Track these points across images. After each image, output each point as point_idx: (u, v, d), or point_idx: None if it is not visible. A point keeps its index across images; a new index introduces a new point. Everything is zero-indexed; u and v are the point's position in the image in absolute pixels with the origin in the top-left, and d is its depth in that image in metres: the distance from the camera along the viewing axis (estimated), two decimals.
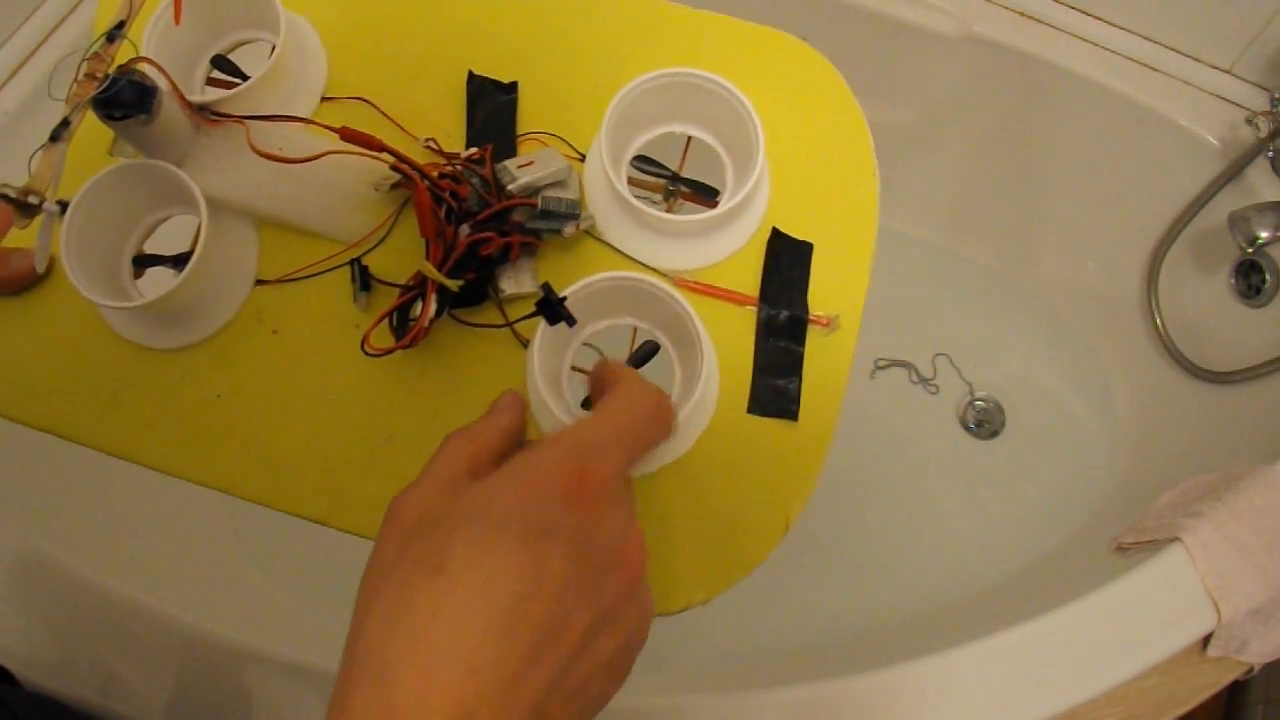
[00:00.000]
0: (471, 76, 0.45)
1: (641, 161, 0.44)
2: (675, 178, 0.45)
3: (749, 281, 0.42)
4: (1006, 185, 1.12)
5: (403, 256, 0.42)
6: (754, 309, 0.41)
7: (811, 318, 0.42)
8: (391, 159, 0.39)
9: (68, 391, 0.40)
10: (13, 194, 0.35)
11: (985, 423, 1.11)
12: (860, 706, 0.56)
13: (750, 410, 0.40)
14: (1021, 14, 0.96)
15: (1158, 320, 1.00)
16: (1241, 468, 0.67)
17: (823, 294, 0.42)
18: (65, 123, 0.36)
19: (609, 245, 0.42)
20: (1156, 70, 0.94)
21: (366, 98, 0.44)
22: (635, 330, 0.42)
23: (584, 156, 0.43)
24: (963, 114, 1.05)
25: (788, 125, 0.44)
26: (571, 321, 0.38)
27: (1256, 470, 0.66)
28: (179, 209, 0.42)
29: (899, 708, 0.56)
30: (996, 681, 0.57)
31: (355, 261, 0.41)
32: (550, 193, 0.41)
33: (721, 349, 0.41)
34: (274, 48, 0.42)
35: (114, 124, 0.37)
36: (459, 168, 0.41)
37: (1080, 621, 0.59)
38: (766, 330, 0.41)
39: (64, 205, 0.38)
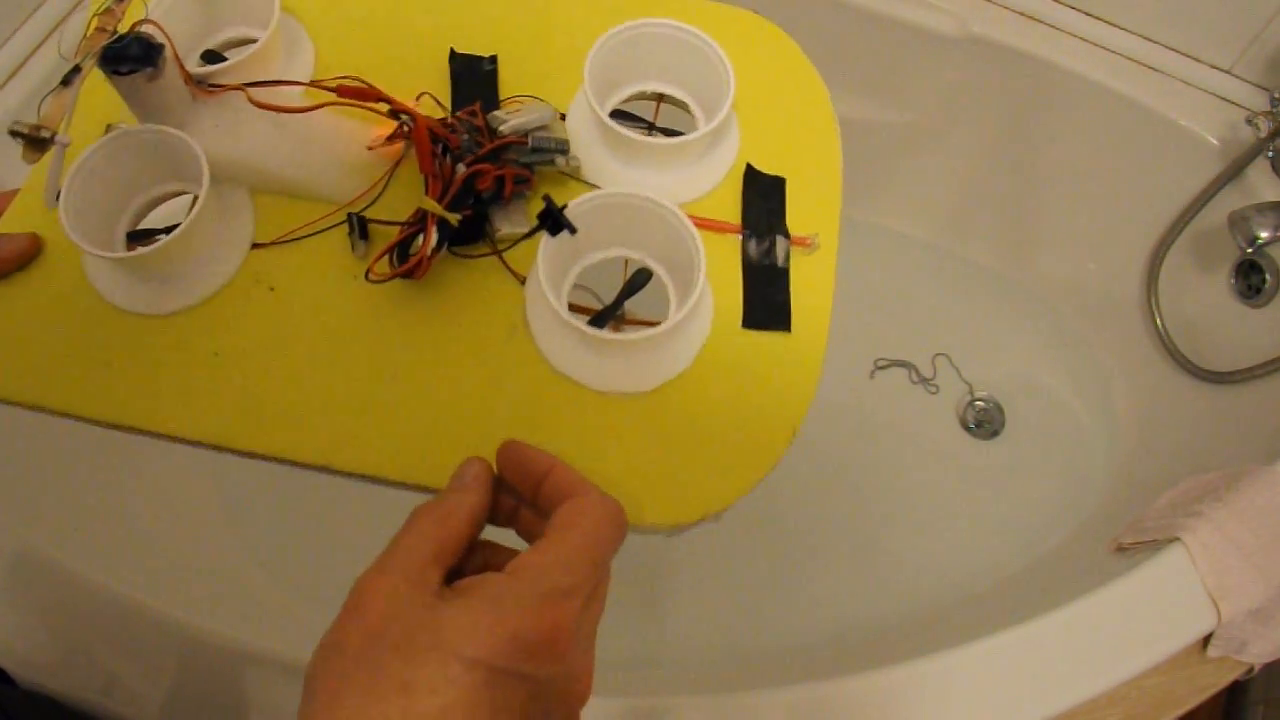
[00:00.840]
0: (453, 54, 0.48)
1: (618, 118, 0.46)
2: (651, 126, 0.48)
3: (730, 214, 0.45)
4: (1006, 185, 1.12)
5: (398, 215, 0.43)
6: (738, 237, 0.45)
7: (793, 238, 0.44)
8: (388, 107, 0.41)
9: (60, 366, 0.41)
10: (25, 130, 0.37)
11: (985, 423, 1.11)
12: (860, 706, 0.56)
13: (745, 325, 0.43)
14: (1021, 14, 0.96)
15: (1158, 320, 1.00)
16: (1241, 468, 0.67)
17: (800, 220, 0.45)
18: (76, 69, 0.38)
19: (596, 187, 0.44)
20: (1156, 70, 0.94)
21: (354, 76, 0.45)
22: (626, 263, 0.44)
23: (564, 116, 0.46)
24: (963, 114, 1.05)
25: (750, 87, 0.47)
26: (573, 229, 0.40)
27: (1256, 470, 0.66)
28: (175, 184, 0.43)
29: (899, 708, 0.56)
30: (996, 681, 0.57)
31: (352, 214, 0.43)
32: (539, 133, 0.43)
33: (712, 275, 0.43)
34: (262, 37, 0.43)
35: (119, 80, 0.38)
36: (452, 119, 0.43)
37: (1080, 621, 0.59)
38: (752, 254, 0.44)
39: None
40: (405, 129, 0.43)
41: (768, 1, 0.58)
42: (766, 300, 0.43)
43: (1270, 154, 0.86)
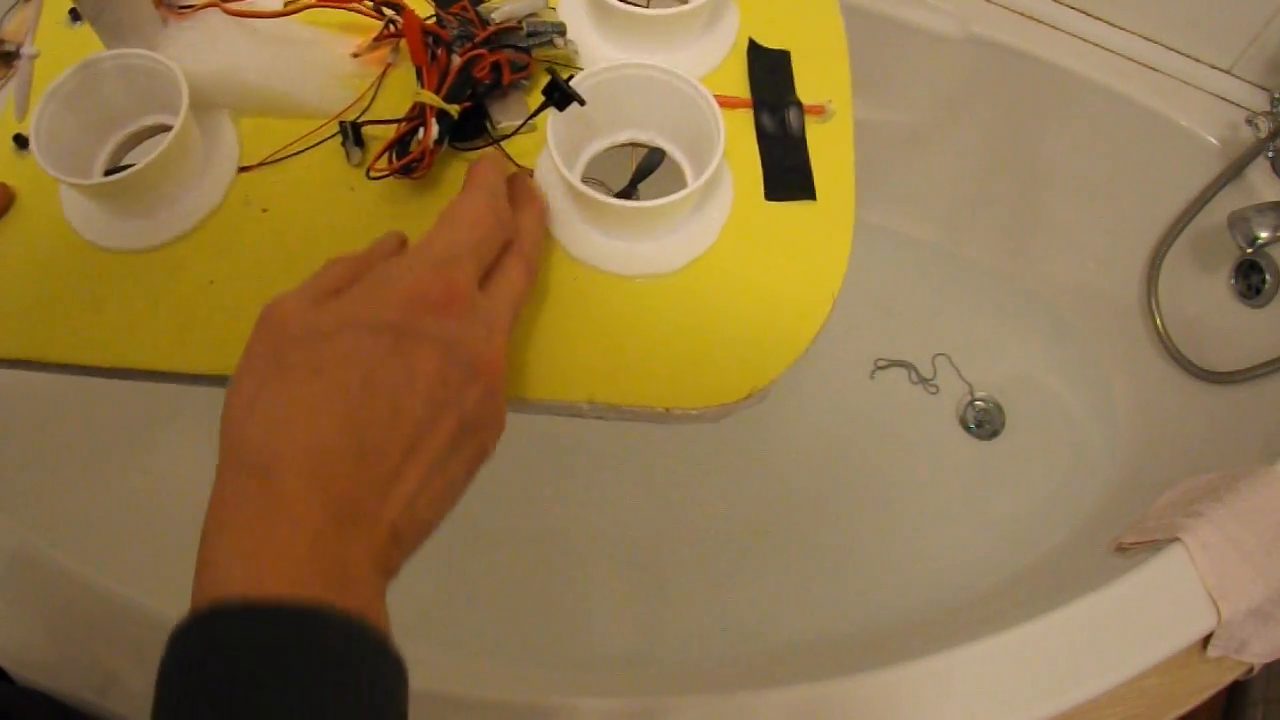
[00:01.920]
0: None
1: None
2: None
3: (737, 91, 0.44)
4: (1006, 185, 1.12)
5: (393, 119, 0.41)
6: (748, 112, 0.43)
7: (806, 106, 0.43)
8: (371, 5, 0.39)
9: (48, 315, 0.39)
10: None
11: (985, 423, 1.11)
12: (860, 706, 0.56)
13: (769, 197, 0.41)
14: (1021, 14, 0.96)
15: (1158, 320, 1.00)
16: (1241, 468, 0.67)
17: (810, 91, 0.44)
18: None
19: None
20: (1156, 70, 0.94)
21: None
22: (634, 150, 0.43)
23: (553, 7, 0.45)
24: (963, 114, 1.05)
25: None
26: (581, 101, 0.38)
27: (1256, 470, 0.66)
28: (154, 116, 0.41)
29: (899, 708, 0.56)
30: (996, 681, 0.57)
31: (345, 122, 0.41)
32: (533, 18, 0.42)
33: (728, 152, 0.41)
34: None
35: None
36: (442, 13, 0.42)
37: (1080, 621, 0.59)
38: (766, 126, 0.43)
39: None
40: (391, 28, 0.41)
41: None
42: (787, 170, 0.42)
43: (1270, 154, 0.86)
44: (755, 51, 0.44)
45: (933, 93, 1.04)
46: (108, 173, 0.41)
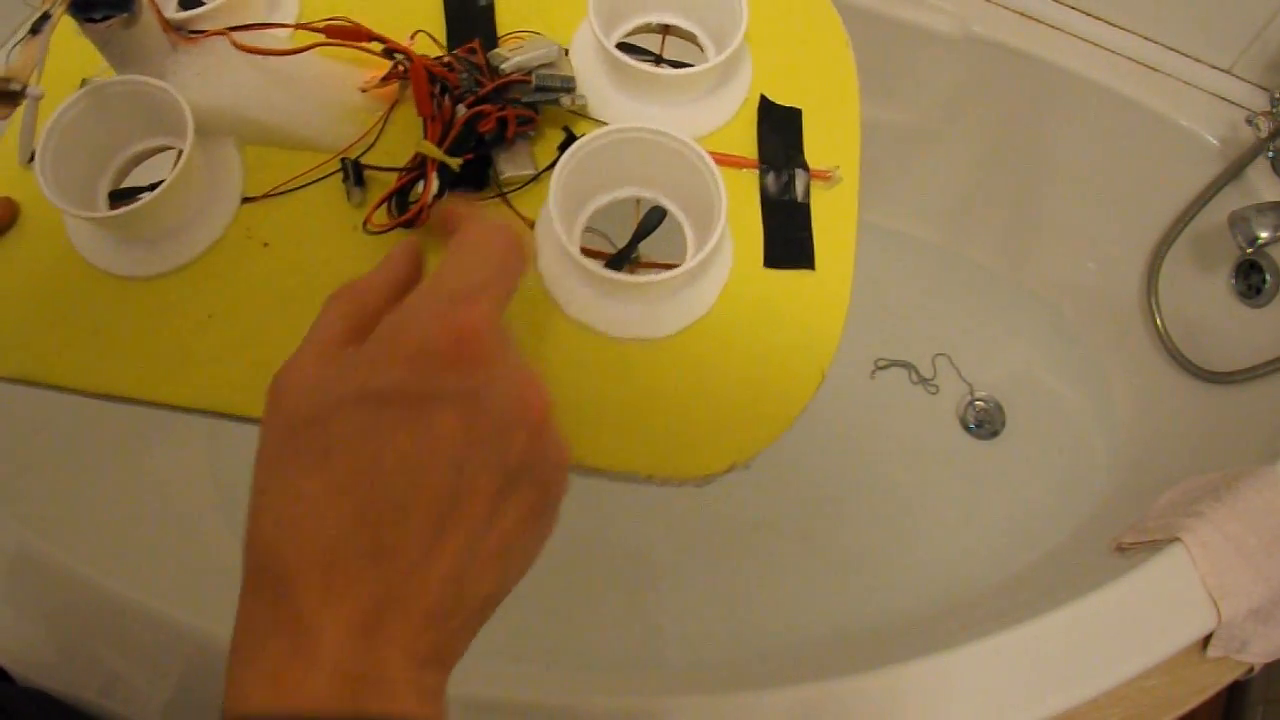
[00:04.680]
0: None
1: (623, 52, 0.45)
2: (658, 60, 0.47)
3: (745, 149, 0.43)
4: (1006, 185, 1.12)
5: (396, 161, 0.41)
6: (755, 172, 0.42)
7: (813, 171, 0.42)
8: (381, 47, 0.39)
9: (45, 337, 0.38)
10: None
11: (985, 423, 1.11)
12: (860, 706, 0.56)
13: (768, 264, 0.41)
14: (1021, 14, 0.96)
15: (1158, 320, 1.00)
16: (1241, 468, 0.67)
17: (818, 153, 0.43)
18: (45, 16, 0.36)
19: (604, 124, 0.42)
20: (1156, 70, 0.94)
21: (343, 16, 0.43)
22: (638, 203, 0.42)
23: (567, 51, 0.44)
24: (963, 114, 1.05)
25: (761, 18, 0.45)
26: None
27: (1256, 470, 0.66)
28: (158, 139, 0.41)
29: (899, 708, 0.56)
30: (996, 681, 0.56)
31: (347, 159, 0.40)
32: (544, 71, 0.41)
33: (730, 213, 0.41)
34: None
35: (92, 28, 0.36)
36: (451, 57, 0.41)
37: (1080, 621, 0.59)
38: (771, 189, 0.42)
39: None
40: (401, 68, 0.40)
41: None
42: (788, 237, 0.41)
43: (1270, 154, 0.86)
44: (766, 108, 0.44)
45: (933, 93, 1.04)
46: (112, 194, 0.40)
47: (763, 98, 0.44)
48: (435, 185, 0.37)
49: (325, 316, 0.28)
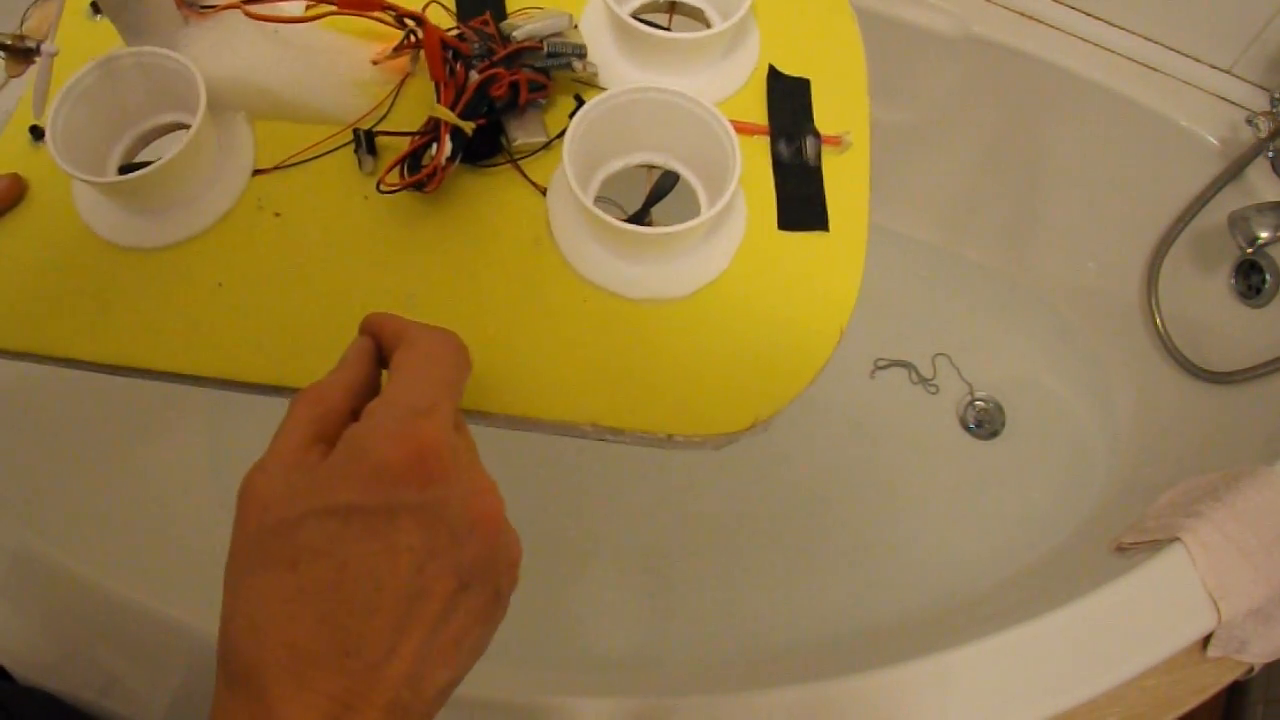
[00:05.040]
0: None
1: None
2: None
3: (755, 117, 0.43)
4: (1006, 185, 1.12)
5: (408, 129, 0.41)
6: (766, 139, 0.43)
7: (824, 137, 0.43)
8: (393, 15, 0.39)
9: (54, 309, 0.39)
10: (7, 40, 0.35)
11: (985, 423, 1.11)
12: (860, 706, 0.56)
13: (781, 226, 0.41)
14: (1021, 14, 0.96)
15: (1158, 320, 1.00)
16: (1241, 468, 0.67)
17: (828, 121, 0.44)
18: None
19: None
20: (1156, 70, 0.94)
21: None
22: (650, 171, 0.42)
23: (577, 27, 0.44)
24: (963, 114, 1.05)
25: None
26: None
27: (1256, 470, 0.66)
28: (170, 114, 0.41)
29: (899, 708, 0.56)
30: (996, 681, 0.57)
31: (359, 129, 0.41)
32: (555, 38, 0.41)
33: (743, 179, 0.41)
34: None
35: None
36: (463, 27, 0.41)
37: (1080, 621, 0.59)
38: (783, 154, 0.42)
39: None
40: (412, 38, 0.40)
41: None
42: (801, 200, 0.42)
43: (1270, 154, 0.86)
44: (775, 78, 0.44)
45: (933, 93, 1.04)
46: (122, 169, 0.41)
47: (771, 68, 0.44)
48: (449, 148, 0.38)
49: (290, 421, 0.30)
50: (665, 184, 0.42)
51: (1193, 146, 0.92)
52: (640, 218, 0.41)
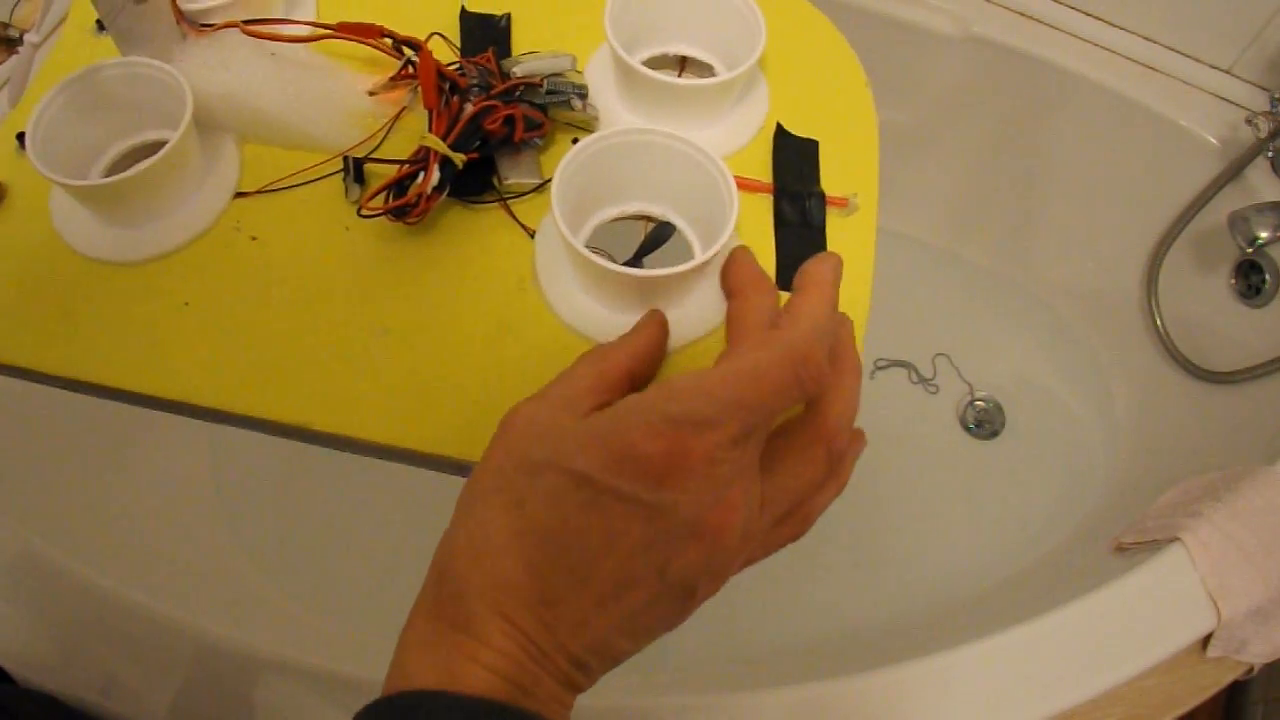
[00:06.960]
0: (464, 13, 0.46)
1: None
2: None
3: (760, 175, 0.43)
4: (1006, 185, 1.12)
5: (398, 160, 0.40)
6: (769, 197, 0.42)
7: (830, 198, 0.42)
8: (391, 42, 0.39)
9: (13, 315, 0.38)
10: None
11: (985, 423, 1.11)
12: (860, 706, 0.56)
13: (781, 287, 0.40)
14: (1021, 14, 0.96)
15: (1158, 320, 1.00)
16: (1241, 468, 0.67)
17: (835, 184, 0.43)
18: None
19: None
20: (1156, 70, 0.94)
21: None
22: (645, 223, 0.41)
23: (580, 71, 0.44)
24: (963, 114, 1.05)
25: (778, 55, 0.46)
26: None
27: (1256, 470, 0.66)
28: (158, 131, 0.40)
29: (899, 708, 0.56)
30: (996, 681, 0.57)
31: (349, 156, 0.40)
32: (556, 78, 0.41)
33: (743, 235, 0.40)
34: None
35: None
36: (463, 61, 0.41)
37: (1080, 621, 0.59)
38: (785, 212, 0.41)
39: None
40: (410, 68, 0.40)
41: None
42: (801, 262, 0.39)
43: (1270, 154, 0.86)
44: (782, 137, 0.43)
45: (933, 93, 1.04)
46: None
47: (779, 126, 0.44)
48: (436, 178, 0.37)
49: (575, 370, 0.31)
50: (660, 235, 0.40)
51: (1193, 146, 0.92)
52: (633, 265, 0.39)
